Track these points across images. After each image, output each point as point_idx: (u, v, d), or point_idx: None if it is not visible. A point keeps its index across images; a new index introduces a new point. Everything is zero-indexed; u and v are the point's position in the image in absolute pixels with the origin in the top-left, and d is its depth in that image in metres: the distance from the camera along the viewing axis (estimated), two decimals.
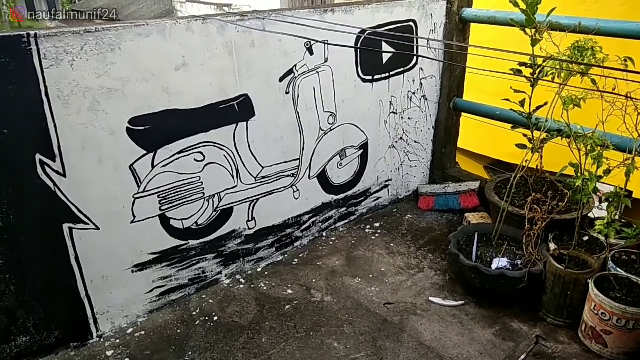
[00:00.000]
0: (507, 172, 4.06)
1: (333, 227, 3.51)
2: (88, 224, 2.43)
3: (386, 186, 3.73)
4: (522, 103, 2.95)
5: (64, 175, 2.29)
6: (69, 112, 2.22)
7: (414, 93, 3.58)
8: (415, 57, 3.46)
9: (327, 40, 2.90)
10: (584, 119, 2.65)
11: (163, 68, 2.42)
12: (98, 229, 2.46)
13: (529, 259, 2.70)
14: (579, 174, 2.55)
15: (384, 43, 3.25)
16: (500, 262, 2.70)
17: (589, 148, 2.47)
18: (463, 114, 3.87)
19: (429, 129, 3.81)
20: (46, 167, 2.24)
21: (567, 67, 2.47)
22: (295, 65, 2.89)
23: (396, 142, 3.64)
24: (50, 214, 2.31)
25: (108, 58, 2.25)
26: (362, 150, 3.45)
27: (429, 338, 2.54)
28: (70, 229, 2.39)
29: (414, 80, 3.54)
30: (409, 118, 3.64)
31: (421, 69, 3.53)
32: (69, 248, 2.41)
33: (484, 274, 2.63)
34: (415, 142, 3.77)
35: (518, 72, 2.90)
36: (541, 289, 2.63)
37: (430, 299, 2.80)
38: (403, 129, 3.64)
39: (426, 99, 3.68)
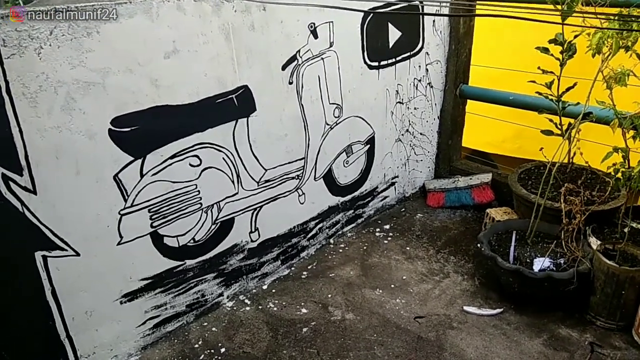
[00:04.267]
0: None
1: (340, 232, 3.16)
2: (66, 250, 1.98)
3: (393, 184, 3.41)
4: (549, 85, 2.67)
5: (34, 192, 1.84)
6: (37, 113, 1.77)
7: (419, 80, 3.27)
8: (421, 40, 3.14)
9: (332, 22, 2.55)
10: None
11: (150, 56, 2.00)
12: (78, 254, 2.02)
13: (573, 256, 2.43)
14: (625, 160, 2.30)
15: (390, 25, 2.92)
16: (542, 263, 2.42)
17: (639, 129, 2.22)
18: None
19: (434, 119, 3.52)
20: (10, 183, 1.78)
21: (617, 40, 2.20)
22: (299, 51, 2.52)
23: (402, 134, 3.32)
24: (18, 240, 1.86)
25: (84, 44, 1.81)
26: (368, 146, 3.11)
27: (474, 355, 2.23)
28: (44, 257, 1.94)
29: (419, 66, 3.22)
30: (415, 108, 3.33)
31: (427, 53, 3.22)
32: (44, 281, 1.96)
33: (527, 277, 2.34)
34: (421, 134, 3.46)
35: (545, 50, 2.64)
36: (588, 290, 2.37)
37: (465, 308, 2.50)
38: (409, 120, 3.32)
39: (431, 87, 3.38)
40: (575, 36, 2.52)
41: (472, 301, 2.55)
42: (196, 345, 2.37)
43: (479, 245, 2.59)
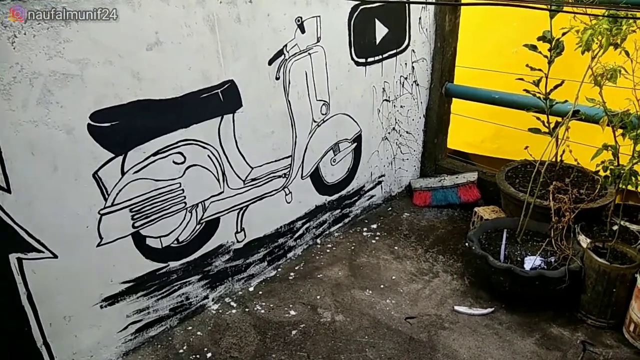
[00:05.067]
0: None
1: (327, 232, 3.10)
2: (42, 252, 1.87)
3: (379, 183, 3.36)
4: (537, 82, 2.66)
5: (8, 190, 1.73)
6: (11, 106, 1.66)
7: (405, 78, 3.23)
8: (407, 37, 3.10)
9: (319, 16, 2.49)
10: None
11: (131, 47, 1.91)
12: (56, 257, 1.91)
13: (563, 255, 2.42)
14: (614, 158, 2.30)
15: (377, 21, 2.87)
16: (533, 261, 2.39)
17: (628, 127, 2.21)
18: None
19: (420, 117, 3.48)
20: None
21: (607, 38, 2.19)
22: (286, 45, 2.45)
23: (389, 133, 3.28)
24: None
25: (62, 34, 1.71)
26: (355, 144, 3.05)
27: (467, 356, 2.19)
28: (19, 259, 1.82)
29: (405, 64, 3.18)
30: (401, 106, 3.29)
31: (413, 50, 3.19)
32: (19, 285, 1.85)
33: (518, 276, 2.32)
34: (407, 132, 3.43)
35: (533, 48, 2.63)
36: (579, 288, 2.35)
37: (456, 308, 2.46)
38: (395, 119, 3.28)
39: (417, 85, 3.34)
40: (564, 34, 2.51)
41: (463, 301, 2.52)
42: (181, 351, 2.28)
43: (468, 244, 2.56)
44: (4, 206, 1.73)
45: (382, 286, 2.64)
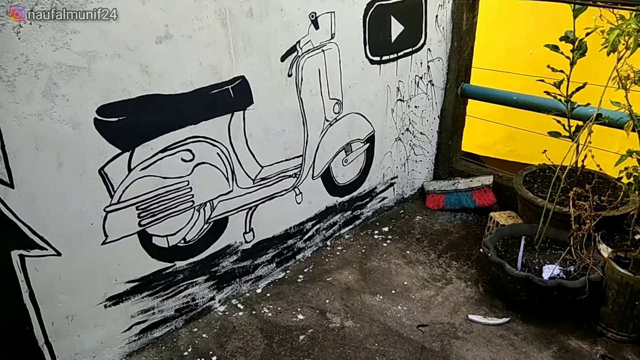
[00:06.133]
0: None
1: (338, 234, 3.02)
2: (45, 249, 1.82)
3: (392, 184, 3.28)
4: (558, 84, 2.57)
5: (11, 186, 1.68)
6: (15, 98, 1.61)
7: (420, 77, 3.15)
8: (423, 35, 3.02)
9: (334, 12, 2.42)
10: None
11: (141, 40, 1.85)
12: (59, 254, 1.86)
13: (583, 264, 2.32)
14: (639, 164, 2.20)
15: (393, 19, 2.79)
16: (552, 270, 2.30)
17: None
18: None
19: (434, 118, 3.40)
20: None
21: (635, 38, 2.09)
22: (299, 41, 2.38)
23: (402, 133, 3.19)
24: None
25: (69, 25, 1.65)
26: (368, 144, 2.98)
27: None
28: (22, 256, 1.77)
29: (421, 63, 3.10)
30: (416, 106, 3.20)
31: (429, 49, 3.10)
32: (21, 282, 1.80)
33: (536, 285, 2.23)
34: (421, 133, 3.34)
35: (555, 48, 2.54)
36: (599, 299, 2.26)
37: (470, 317, 2.37)
38: (409, 119, 3.20)
39: (432, 85, 3.26)
40: (587, 34, 2.42)
41: (477, 309, 2.43)
42: (185, 353, 2.22)
43: (484, 250, 2.47)
44: (6, 201, 1.68)
45: (393, 291, 2.56)
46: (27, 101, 1.63)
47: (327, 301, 2.50)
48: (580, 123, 2.55)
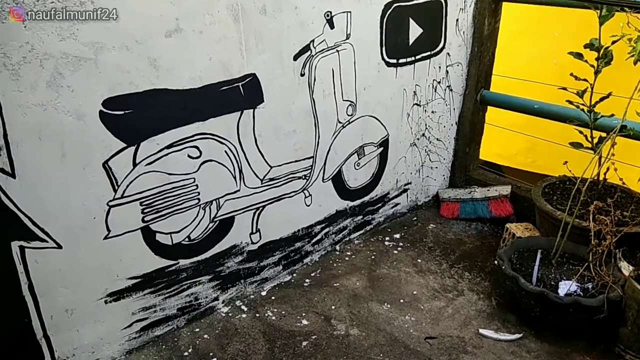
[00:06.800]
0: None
1: (347, 238, 2.96)
2: (46, 241, 1.80)
3: (405, 190, 3.20)
4: (581, 93, 2.47)
5: (12, 175, 1.66)
6: (19, 87, 1.59)
7: (439, 82, 3.07)
8: (443, 39, 2.95)
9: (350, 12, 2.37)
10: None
11: (150, 33, 1.82)
12: (60, 247, 1.84)
13: (602, 282, 2.21)
14: None
15: (411, 21, 2.73)
16: (569, 287, 2.20)
17: None
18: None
19: (452, 124, 3.31)
20: None
21: None
22: (313, 41, 2.33)
23: (418, 139, 3.12)
24: None
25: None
26: (382, 148, 2.91)
27: None
28: (22, 248, 1.76)
29: (439, 67, 3.02)
30: (433, 111, 3.13)
31: (448, 54, 3.02)
32: (20, 274, 1.78)
33: (551, 301, 2.12)
34: (437, 139, 3.26)
35: (579, 56, 2.44)
36: (618, 319, 2.15)
37: (481, 331, 2.28)
38: (426, 124, 3.12)
39: (451, 90, 3.17)
40: (614, 42, 2.32)
41: (489, 323, 2.34)
42: (185, 353, 2.18)
43: (498, 262, 2.38)
44: (7, 191, 1.66)
45: (401, 301, 2.48)
46: (31, 90, 1.62)
47: (333, 307, 2.44)
48: (604, 134, 2.44)
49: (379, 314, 2.39)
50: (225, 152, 2.19)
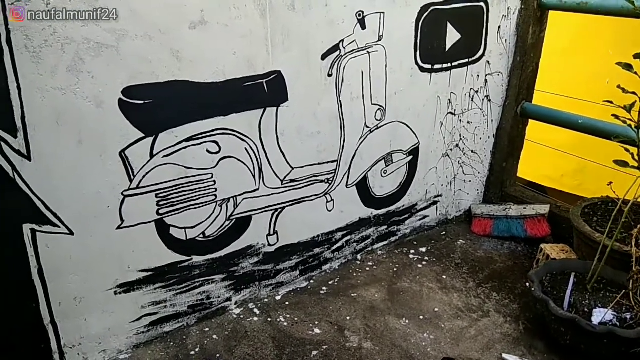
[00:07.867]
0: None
1: (370, 248, 2.85)
2: (58, 227, 1.80)
3: (435, 203, 3.07)
4: (629, 108, 2.29)
5: (28, 158, 1.67)
6: (39, 70, 1.60)
7: (476, 91, 2.94)
8: (483, 47, 2.82)
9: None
10: None
11: (174, 23, 1.81)
12: (72, 233, 1.83)
13: None
14: None
15: (449, 25, 2.62)
16: (604, 315, 2.02)
17: None
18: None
19: (489, 137, 3.16)
20: (3, 145, 1.62)
21: None
22: (343, 41, 2.27)
23: (451, 149, 2.99)
24: (6, 209, 1.69)
25: (100, 0, 1.64)
26: (411, 157, 2.80)
27: None
28: (33, 231, 1.76)
29: (478, 76, 2.89)
30: (468, 122, 2.99)
31: (488, 62, 2.89)
32: (30, 257, 1.78)
33: (583, 329, 1.95)
34: (472, 151, 3.11)
35: (628, 67, 2.27)
36: None
37: (504, 356, 2.12)
38: (460, 135, 2.99)
39: (489, 100, 3.03)
40: None
41: (514, 348, 2.18)
42: (192, 352, 2.13)
43: (528, 284, 2.22)
44: (22, 173, 1.67)
45: (421, 317, 2.36)
46: (51, 74, 1.62)
47: (348, 318, 2.34)
48: None
49: (396, 329, 2.27)
50: (246, 149, 2.15)
